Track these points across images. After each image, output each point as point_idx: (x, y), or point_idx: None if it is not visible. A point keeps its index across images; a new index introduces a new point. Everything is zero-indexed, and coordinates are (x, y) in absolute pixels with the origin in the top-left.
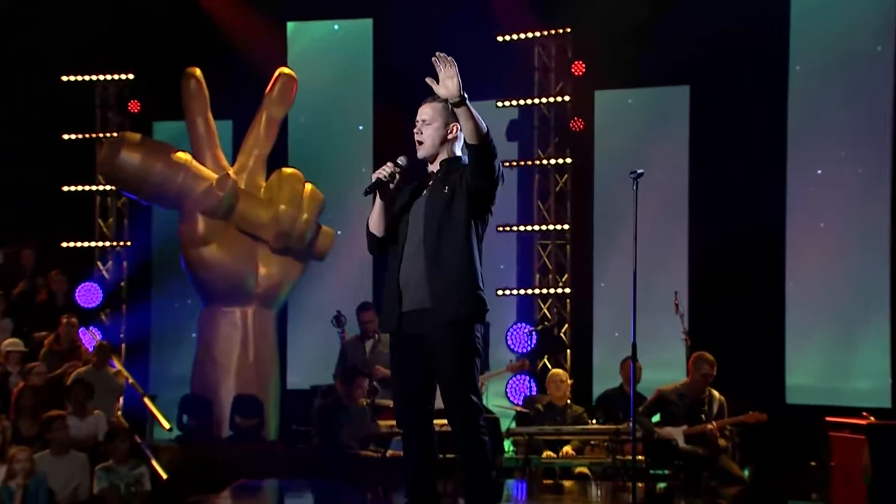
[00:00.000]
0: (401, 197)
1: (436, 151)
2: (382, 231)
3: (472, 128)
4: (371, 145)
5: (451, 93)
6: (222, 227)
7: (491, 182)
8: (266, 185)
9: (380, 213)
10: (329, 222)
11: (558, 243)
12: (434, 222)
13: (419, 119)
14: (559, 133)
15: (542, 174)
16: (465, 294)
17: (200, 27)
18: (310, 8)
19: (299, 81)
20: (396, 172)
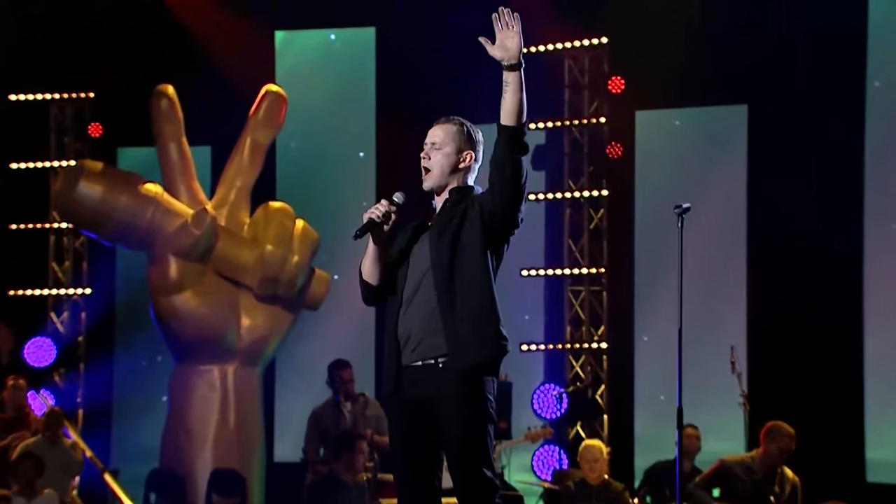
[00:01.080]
0: (399, 238)
1: (444, 182)
2: (377, 279)
3: (516, 103)
4: (374, 174)
5: (511, 53)
6: (198, 271)
7: (516, 189)
8: (250, 222)
9: (374, 259)
10: (324, 265)
11: (593, 290)
12: (442, 257)
13: (428, 142)
14: (594, 160)
15: (574, 209)
16: (486, 337)
17: (173, 38)
18: (302, 15)
19: (289, 100)
20: (392, 212)
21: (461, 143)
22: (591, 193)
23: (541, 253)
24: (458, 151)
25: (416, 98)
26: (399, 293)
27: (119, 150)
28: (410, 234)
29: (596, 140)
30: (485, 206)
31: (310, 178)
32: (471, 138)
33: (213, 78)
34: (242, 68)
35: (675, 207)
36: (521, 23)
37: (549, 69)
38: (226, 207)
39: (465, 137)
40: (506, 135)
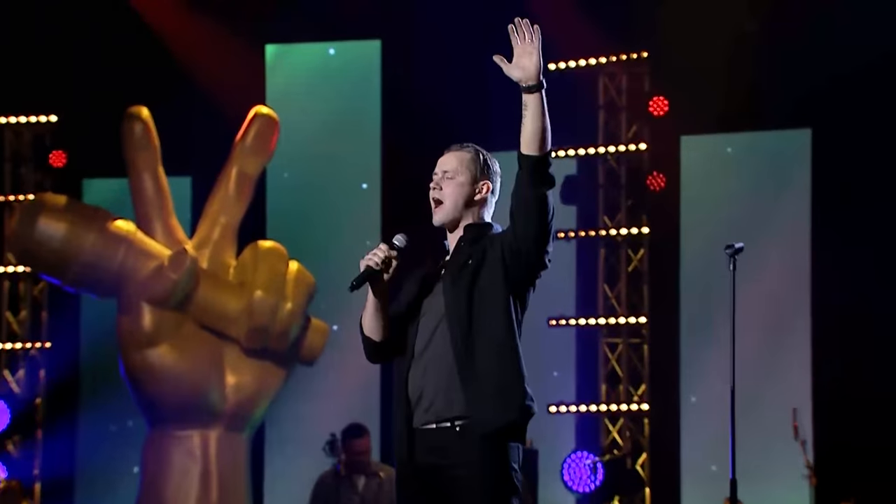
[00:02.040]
0: (406, 286)
1: (457, 216)
2: (381, 334)
3: (537, 129)
4: (378, 209)
5: (529, 73)
6: (176, 321)
7: (542, 227)
8: (236, 265)
9: (375, 313)
10: (322, 314)
11: (632, 342)
12: (458, 305)
13: (438, 171)
14: (633, 193)
15: (610, 248)
16: (510, 397)
17: (148, 52)
18: (296, 26)
19: (282, 124)
20: (392, 257)
21: (476, 172)
22: (630, 231)
23: (571, 300)
24: (473, 181)
25: (428, 122)
26: (409, 347)
27: (85, 181)
28: (420, 281)
29: (635, 170)
30: (507, 247)
31: (305, 213)
32: (487, 167)
33: (193, 99)
34: (228, 87)
35: (727, 248)
36: (540, 36)
37: (581, 88)
38: (208, 248)
39: (481, 166)
40: (527, 166)
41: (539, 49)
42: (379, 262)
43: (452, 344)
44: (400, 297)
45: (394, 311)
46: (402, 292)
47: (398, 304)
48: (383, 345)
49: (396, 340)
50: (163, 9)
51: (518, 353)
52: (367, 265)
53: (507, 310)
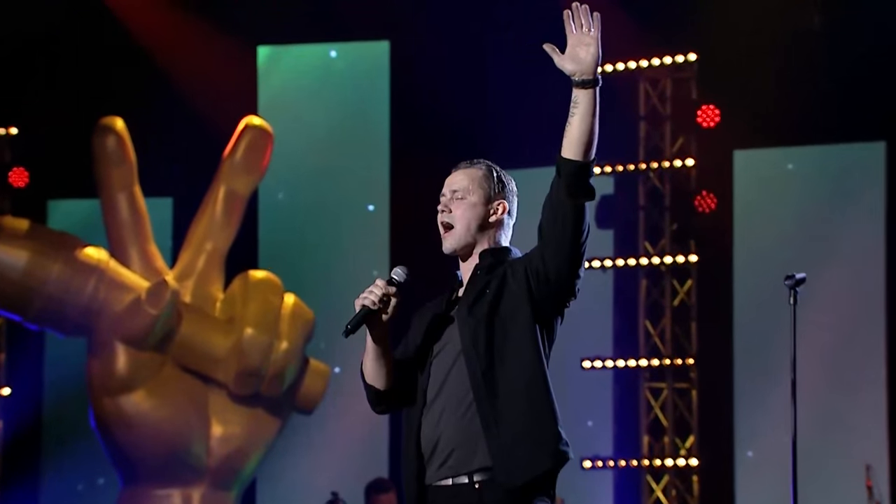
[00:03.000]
0: (415, 325)
1: (471, 240)
2: (385, 381)
3: (585, 130)
4: (387, 234)
5: (584, 66)
6: (155, 363)
7: (575, 244)
8: (224, 298)
9: (376, 358)
10: (322, 355)
11: (678, 387)
12: (477, 339)
13: (446, 191)
14: (679, 216)
15: (653, 279)
16: (541, 443)
17: (122, 55)
18: (292, 26)
19: (276, 137)
20: (391, 294)
21: (490, 190)
22: (675, 259)
23: (608, 338)
24: (487, 201)
25: (444, 134)
26: (420, 394)
27: (50, 203)
28: (431, 318)
29: (681, 189)
30: (532, 269)
31: (303, 239)
32: (502, 185)
33: (175, 108)
34: (214, 95)
35: (787, 278)
36: (600, 25)
37: (619, 95)
38: (192, 278)
39: (495, 184)
40: (568, 171)
41: (598, 40)
42: (376, 300)
43: (472, 383)
44: (407, 337)
45: (400, 355)
46: (411, 332)
47: (405, 345)
48: (389, 393)
49: (404, 387)
50: (139, 5)
51: (549, 391)
52: (362, 305)
53: (534, 341)
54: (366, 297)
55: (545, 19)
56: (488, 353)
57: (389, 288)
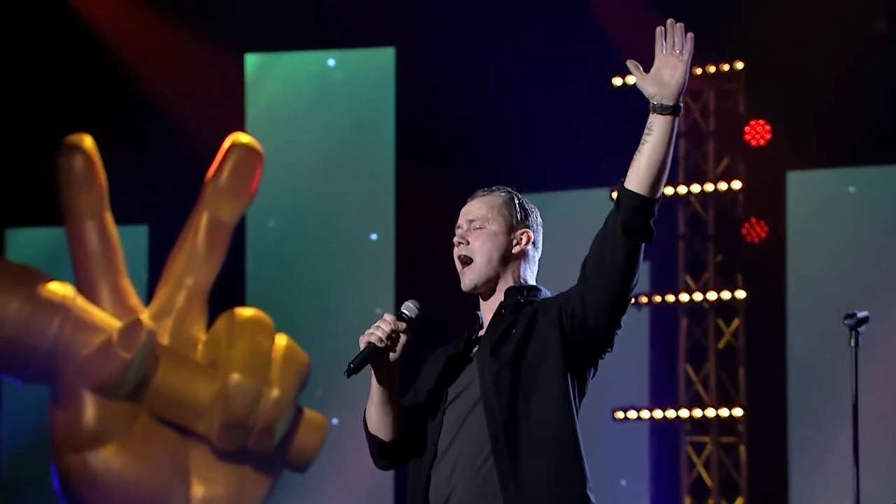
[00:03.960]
0: (427, 369)
1: (492, 274)
2: (391, 431)
3: (657, 161)
4: (392, 267)
5: (668, 90)
6: (128, 414)
7: (624, 288)
8: (207, 340)
9: (382, 404)
10: (318, 404)
11: (724, 442)
12: (499, 384)
13: (463, 221)
14: (724, 246)
15: (695, 318)
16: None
17: (90, 64)
18: (285, 31)
19: (266, 157)
20: (400, 331)
21: (512, 218)
22: (721, 295)
23: (644, 385)
24: (509, 230)
25: (457, 154)
26: (430, 445)
27: (8, 232)
28: (445, 361)
29: (727, 215)
30: (567, 308)
31: (296, 273)
32: (525, 213)
33: (151, 125)
34: (196, 110)
35: (847, 317)
36: (692, 48)
37: None
38: (170, 317)
39: (518, 211)
40: (629, 206)
41: (688, 64)
42: (383, 336)
43: (491, 434)
44: (418, 383)
45: (409, 402)
46: (422, 377)
47: (415, 391)
48: (395, 445)
49: (412, 438)
50: (110, 7)
51: (578, 448)
52: (367, 342)
53: (565, 391)
54: (372, 333)
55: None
56: (512, 402)
57: (399, 324)
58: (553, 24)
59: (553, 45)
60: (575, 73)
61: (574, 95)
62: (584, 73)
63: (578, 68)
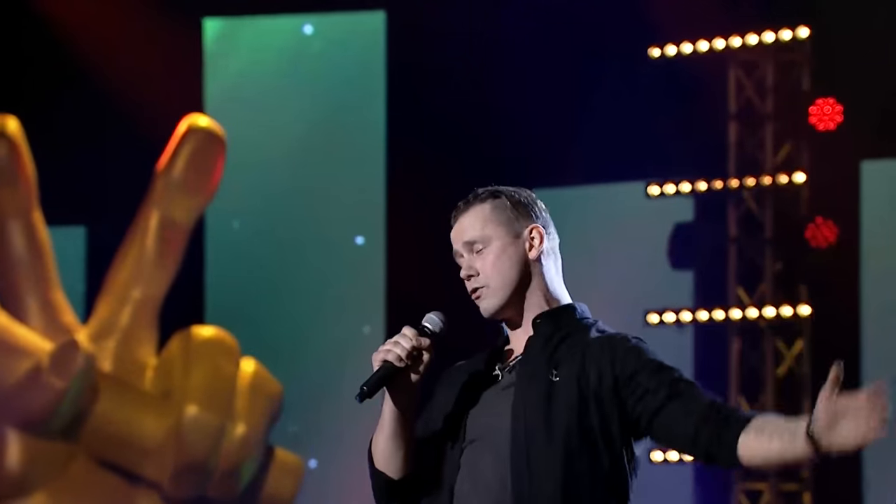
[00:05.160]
0: (440, 398)
1: (514, 293)
2: (402, 467)
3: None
4: (382, 277)
5: (837, 444)
6: (61, 456)
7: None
8: (158, 365)
9: (394, 434)
10: (292, 443)
11: (785, 490)
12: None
13: (460, 247)
14: (784, 251)
15: (749, 340)
16: None
17: (14, 33)
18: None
19: (230, 144)
20: (423, 349)
21: (512, 219)
22: (780, 312)
23: None
24: (515, 235)
25: (461, 140)
26: (444, 487)
27: None
28: (466, 385)
29: (788, 214)
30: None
31: (266, 284)
32: (522, 206)
33: (91, 105)
34: (144, 87)
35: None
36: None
37: (702, 86)
38: (113, 338)
39: (512, 209)
40: (726, 462)
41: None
42: (403, 355)
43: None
44: (431, 407)
45: (421, 430)
46: (435, 400)
47: (428, 417)
48: (405, 484)
49: (423, 477)
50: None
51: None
52: (383, 360)
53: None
54: (389, 350)
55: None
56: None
57: (421, 339)
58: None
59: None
60: (603, 41)
61: (601, 69)
62: (615, 40)
63: (608, 35)
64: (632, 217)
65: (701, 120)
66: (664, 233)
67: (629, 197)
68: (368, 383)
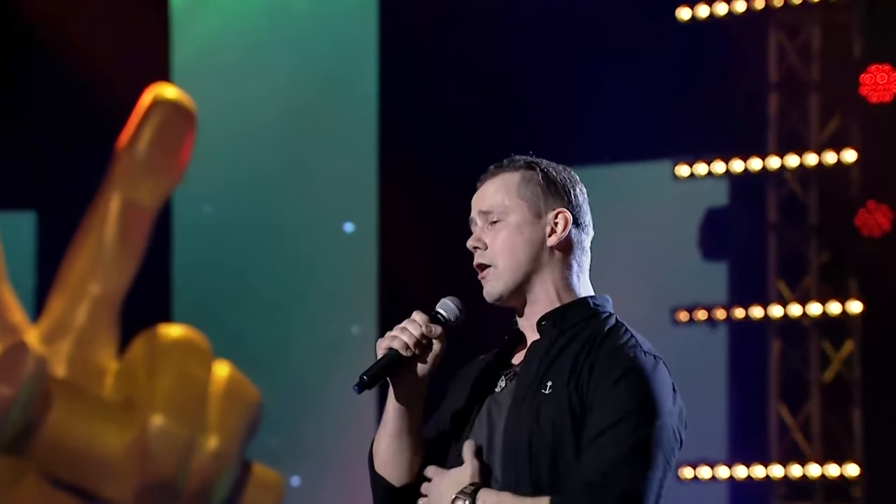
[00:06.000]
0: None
1: (522, 280)
2: (406, 472)
3: None
4: (374, 268)
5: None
6: (8, 472)
7: None
8: (120, 369)
9: (397, 433)
10: (273, 458)
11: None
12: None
13: (476, 213)
14: (831, 240)
15: (791, 340)
16: None
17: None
18: None
19: (201, 119)
20: (434, 337)
21: (538, 198)
22: (827, 309)
23: (720, 434)
24: (537, 215)
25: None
26: None
27: None
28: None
29: (836, 198)
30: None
31: (242, 277)
32: (556, 186)
33: (42, 75)
34: (103, 55)
35: None
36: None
37: (738, 52)
38: (68, 339)
39: (545, 186)
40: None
41: None
42: (410, 343)
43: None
44: (443, 409)
45: (431, 434)
46: (447, 401)
47: (438, 421)
48: (408, 492)
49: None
50: None
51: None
52: (388, 348)
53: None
54: (396, 336)
55: None
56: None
57: (433, 327)
58: None
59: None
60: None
61: (622, 32)
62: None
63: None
64: (657, 201)
65: (737, 91)
66: (694, 219)
67: (654, 178)
68: (369, 372)
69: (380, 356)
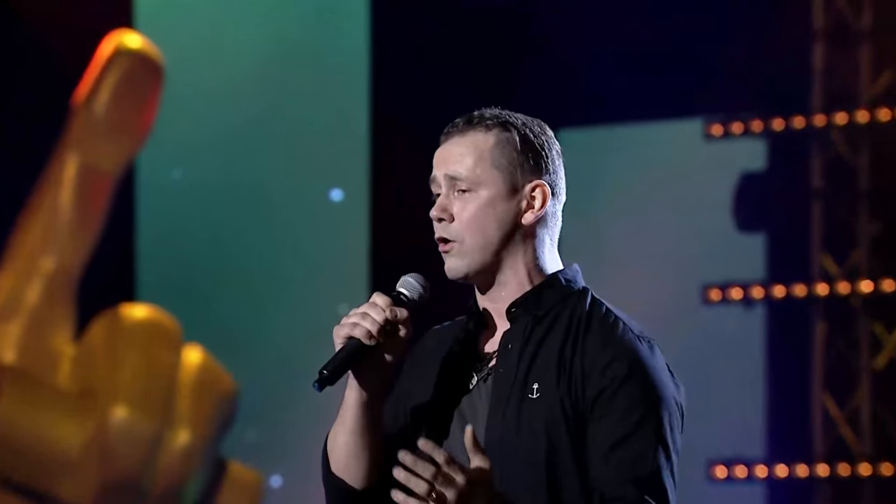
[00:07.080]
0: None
1: (490, 261)
2: (366, 475)
3: None
4: (365, 240)
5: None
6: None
7: None
8: (78, 355)
9: (357, 430)
10: (250, 454)
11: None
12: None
13: (440, 175)
14: (881, 209)
15: (838, 322)
16: None
17: None
18: None
19: (169, 71)
20: (398, 321)
21: (515, 167)
22: (880, 287)
23: (757, 428)
24: (513, 188)
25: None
26: None
27: None
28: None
29: (888, 161)
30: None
31: (215, 251)
32: (537, 152)
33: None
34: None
35: None
36: None
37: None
38: (18, 321)
39: (521, 153)
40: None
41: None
42: (373, 330)
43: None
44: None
45: (390, 430)
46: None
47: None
48: (368, 497)
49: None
50: None
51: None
52: (348, 337)
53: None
54: (356, 323)
55: None
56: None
57: (397, 310)
58: None
59: None
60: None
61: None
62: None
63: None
64: (687, 165)
65: (777, 40)
66: (729, 185)
67: (684, 139)
68: (329, 366)
69: (338, 347)
